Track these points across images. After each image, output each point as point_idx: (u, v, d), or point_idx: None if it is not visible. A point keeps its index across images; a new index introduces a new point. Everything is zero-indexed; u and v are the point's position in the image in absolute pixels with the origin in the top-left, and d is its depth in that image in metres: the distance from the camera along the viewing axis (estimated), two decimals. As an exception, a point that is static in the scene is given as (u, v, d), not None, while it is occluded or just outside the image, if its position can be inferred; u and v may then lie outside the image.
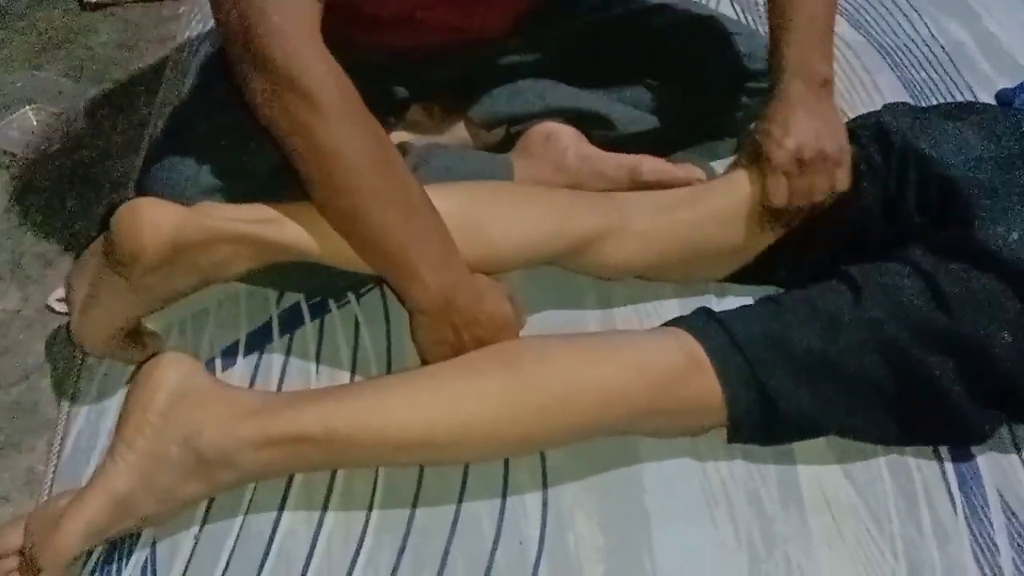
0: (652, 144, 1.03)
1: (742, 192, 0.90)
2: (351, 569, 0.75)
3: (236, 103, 0.78)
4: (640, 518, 0.78)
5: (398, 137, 1.02)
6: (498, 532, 0.77)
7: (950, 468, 0.82)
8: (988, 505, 0.80)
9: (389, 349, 0.92)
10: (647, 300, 0.96)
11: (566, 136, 1.02)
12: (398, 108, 1.04)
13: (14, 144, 1.16)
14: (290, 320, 0.94)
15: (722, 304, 0.94)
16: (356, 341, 0.93)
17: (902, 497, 0.80)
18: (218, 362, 0.90)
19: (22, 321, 0.96)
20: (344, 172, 0.74)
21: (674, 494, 0.80)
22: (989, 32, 1.36)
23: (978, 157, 0.84)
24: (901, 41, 1.34)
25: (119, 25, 1.38)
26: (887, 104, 1.01)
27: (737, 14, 1.39)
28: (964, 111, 0.92)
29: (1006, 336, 0.75)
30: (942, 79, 1.26)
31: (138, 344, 0.88)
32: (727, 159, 1.08)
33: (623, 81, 1.05)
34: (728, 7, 1.40)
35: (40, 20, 1.39)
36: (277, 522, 0.78)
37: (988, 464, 0.83)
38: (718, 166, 1.06)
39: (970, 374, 0.76)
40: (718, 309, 0.86)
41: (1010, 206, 0.79)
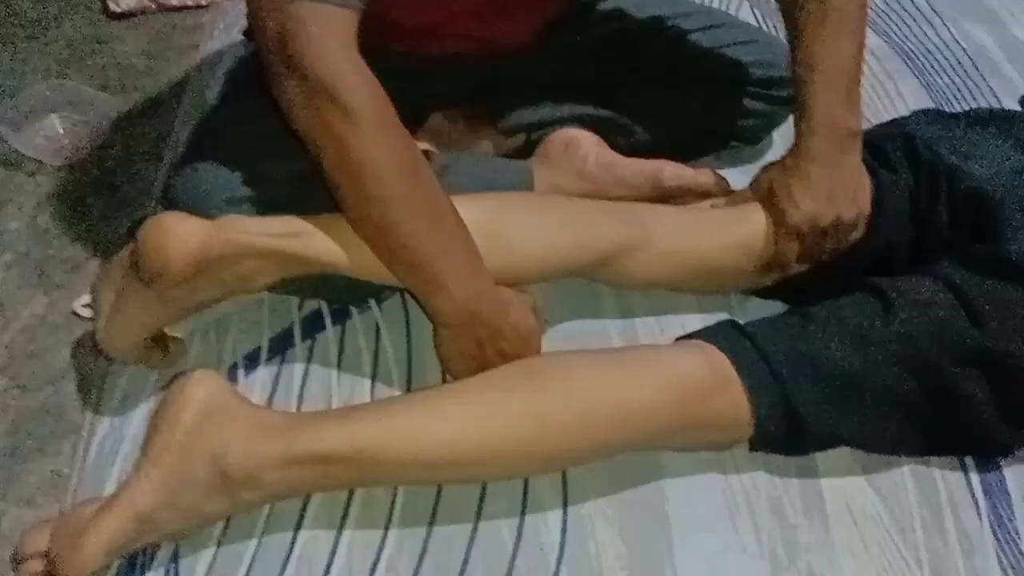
0: (672, 151, 1.03)
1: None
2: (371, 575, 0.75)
3: (263, 112, 0.78)
4: (662, 526, 0.78)
5: (420, 145, 1.02)
6: (518, 539, 0.77)
7: (975, 477, 0.82)
8: (1014, 514, 0.79)
9: (409, 355, 0.92)
10: (668, 310, 0.95)
11: (587, 143, 1.02)
12: (420, 116, 1.05)
13: (41, 152, 1.17)
14: (312, 326, 0.95)
15: (744, 313, 0.94)
16: (377, 347, 0.93)
17: (926, 506, 0.79)
18: (240, 368, 0.91)
19: (48, 326, 0.98)
20: (375, 182, 0.74)
21: (696, 502, 0.79)
22: (1013, 36, 1.35)
23: (1008, 169, 0.83)
24: (924, 46, 1.33)
25: (144, 34, 1.40)
26: (915, 112, 1.00)
27: (757, 20, 1.38)
28: (993, 119, 0.91)
29: None
30: (965, 84, 1.25)
31: (162, 350, 0.88)
32: (747, 166, 1.08)
33: (644, 88, 1.05)
34: (748, 13, 1.40)
35: (66, 29, 1.41)
36: (297, 529, 0.78)
37: (1014, 473, 0.82)
38: (738, 173, 1.06)
39: (1001, 390, 0.75)
40: (740, 318, 0.85)
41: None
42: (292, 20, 0.72)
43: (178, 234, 0.76)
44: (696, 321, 0.94)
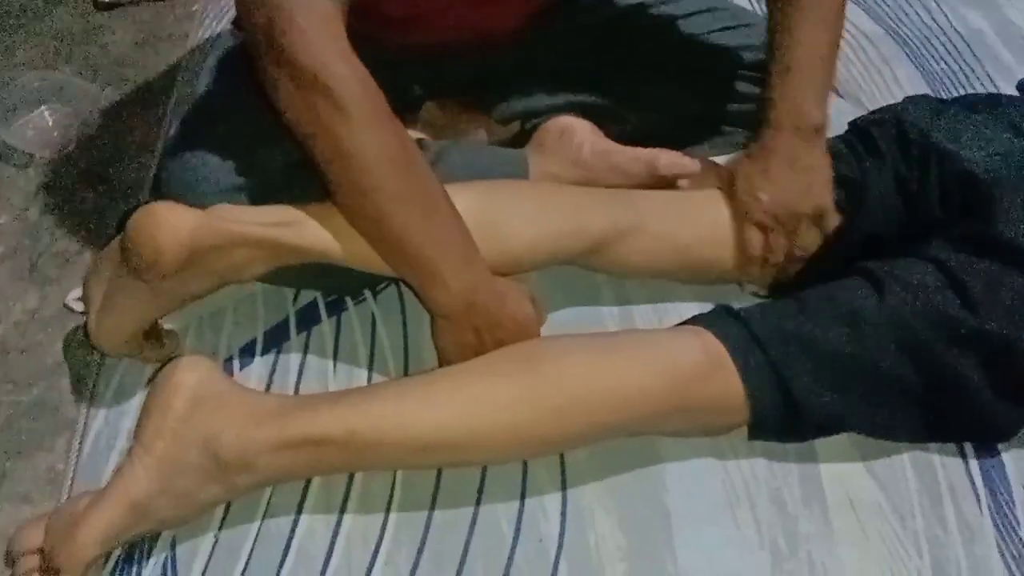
0: (667, 138, 1.02)
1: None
2: (370, 569, 0.75)
3: (253, 101, 0.78)
4: (661, 517, 0.77)
5: (413, 135, 1.02)
6: (517, 531, 0.77)
7: (975, 464, 0.81)
8: (1014, 501, 0.79)
9: (406, 346, 0.91)
10: (664, 297, 0.95)
11: (581, 130, 1.01)
12: (413, 105, 1.04)
13: (30, 144, 1.16)
14: (307, 318, 0.94)
15: (739, 298, 0.93)
16: (373, 338, 0.92)
17: (926, 494, 0.79)
18: (235, 361, 0.90)
19: (40, 321, 0.97)
20: (367, 174, 0.74)
21: (696, 493, 0.79)
22: (1009, 20, 1.34)
23: (1001, 152, 0.83)
24: (919, 31, 1.32)
25: (134, 24, 1.39)
26: (908, 97, 1.00)
27: (752, 4, 1.37)
28: (987, 103, 0.91)
29: None
30: (962, 69, 1.25)
31: (156, 343, 0.88)
32: (738, 152, 1.07)
33: (637, 75, 1.04)
34: (742, -2, 1.39)
35: (55, 20, 1.39)
36: (296, 523, 0.78)
37: (1013, 460, 0.82)
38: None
39: (995, 371, 0.75)
40: (737, 305, 0.85)
41: (1033, 200, 0.78)
42: (280, 12, 0.71)
43: (169, 223, 0.75)
44: (693, 309, 0.92)
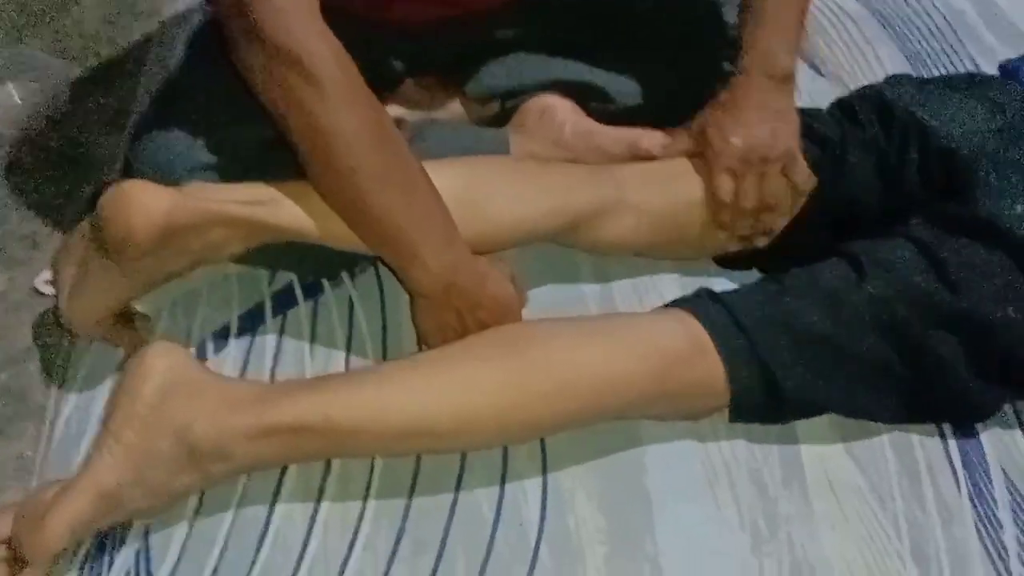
0: (650, 117, 1.01)
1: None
2: (348, 555, 0.74)
3: (226, 78, 0.76)
4: (641, 499, 0.77)
5: (392, 112, 1.00)
6: (498, 515, 0.76)
7: (953, 445, 0.82)
8: (991, 481, 0.80)
9: (384, 329, 0.90)
10: (645, 274, 0.94)
11: (563, 110, 1.00)
12: (392, 83, 1.02)
13: (-3, 122, 1.14)
14: (283, 301, 0.93)
15: (721, 279, 0.93)
16: (351, 321, 0.91)
17: (905, 475, 0.79)
18: (209, 344, 0.89)
19: (8, 304, 0.95)
20: (344, 152, 0.73)
21: (676, 475, 0.79)
22: (991, 1, 1.33)
23: (982, 129, 0.83)
24: (902, 11, 1.31)
25: (104, -1, 1.35)
26: (889, 76, 1.00)
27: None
28: (968, 82, 0.91)
29: (1011, 311, 0.75)
30: (944, 50, 1.24)
31: (128, 326, 0.86)
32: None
33: (619, 54, 1.03)
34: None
35: (22, -6, 1.36)
36: (272, 508, 0.77)
37: (991, 440, 0.82)
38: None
39: (975, 351, 0.75)
40: (717, 285, 0.85)
41: (1015, 179, 0.78)
42: None
43: (141, 202, 0.73)
44: (674, 288, 0.93)
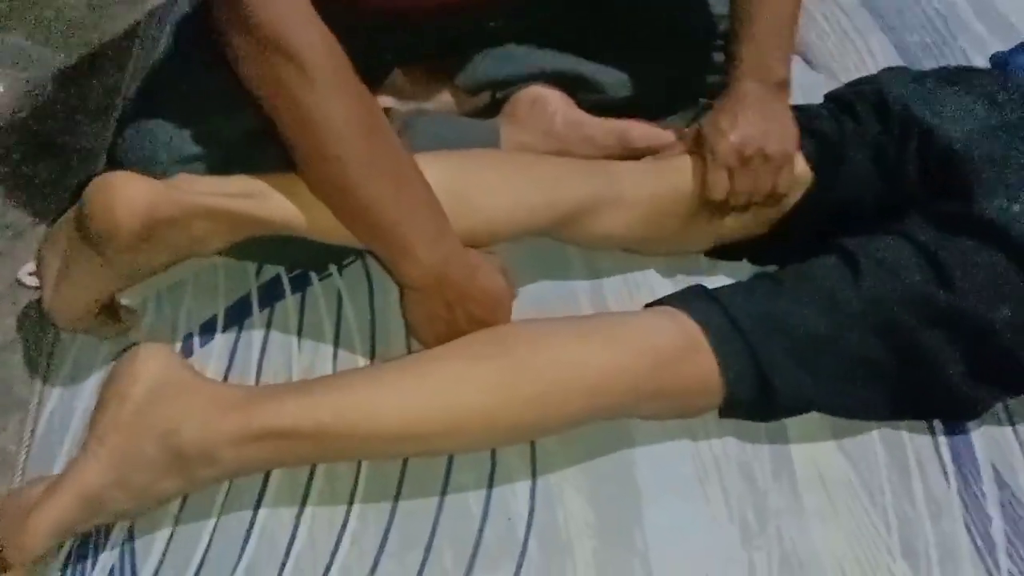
0: (641, 109, 1.01)
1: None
2: (335, 550, 0.74)
3: (212, 66, 0.75)
4: (631, 494, 0.77)
5: (382, 103, 0.99)
6: (486, 510, 0.76)
7: (943, 441, 0.82)
8: (981, 477, 0.80)
9: (373, 322, 0.89)
10: (636, 270, 0.94)
11: (554, 101, 0.99)
12: (381, 73, 1.01)
13: (-21, 111, 1.12)
14: (270, 293, 0.92)
15: (713, 276, 0.93)
16: (339, 314, 0.90)
17: (895, 470, 0.79)
18: (196, 337, 0.88)
19: (-9, 296, 0.94)
20: (333, 142, 0.72)
21: (665, 468, 0.78)
22: (983, -8, 1.33)
23: (980, 127, 0.82)
24: (893, 2, 1.31)
25: (88, -15, 1.33)
26: (886, 69, 0.99)
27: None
28: (964, 76, 0.90)
29: (1007, 311, 0.74)
30: (935, 42, 1.24)
31: (113, 319, 0.85)
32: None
33: (609, 45, 1.02)
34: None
35: (5, -20, 1.34)
36: (258, 504, 0.76)
37: (981, 437, 0.82)
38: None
39: (969, 350, 0.75)
40: (709, 281, 0.85)
41: (1012, 177, 0.78)
42: None
43: (126, 194, 0.72)
44: (665, 283, 0.92)
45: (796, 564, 0.74)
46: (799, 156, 0.88)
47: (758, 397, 0.76)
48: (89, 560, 0.73)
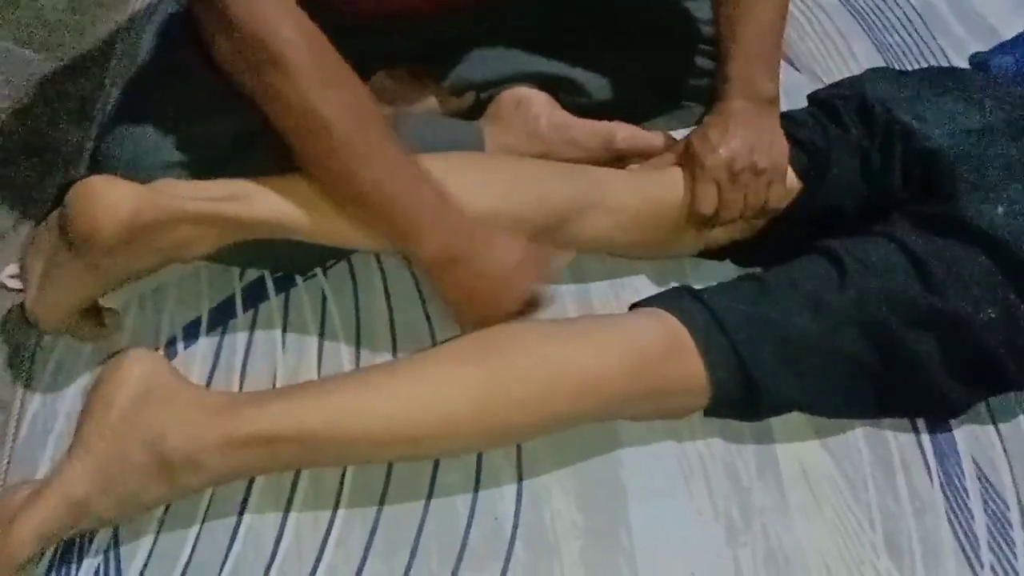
0: (625, 111, 1.01)
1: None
2: (321, 551, 0.74)
3: (197, 69, 0.75)
4: (617, 493, 0.77)
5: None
6: (472, 510, 0.76)
7: (926, 438, 0.82)
8: (963, 473, 0.81)
9: (358, 324, 0.89)
10: (622, 273, 0.94)
11: (538, 102, 0.99)
12: (365, 74, 1.01)
13: (-41, 114, 1.11)
14: (254, 295, 0.91)
15: (698, 277, 0.93)
16: (323, 316, 0.90)
17: (879, 467, 0.80)
18: (179, 340, 0.87)
19: (-28, 299, 0.93)
20: (323, 135, 0.72)
21: (651, 468, 0.79)
22: (963, -6, 1.35)
23: (963, 130, 0.83)
24: (874, 3, 1.32)
25: (70, -13, 1.33)
26: (869, 70, 1.00)
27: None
28: (947, 78, 0.91)
29: (990, 312, 0.75)
30: (916, 43, 1.25)
31: (96, 322, 0.85)
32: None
33: (593, 48, 1.02)
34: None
35: (-15, -18, 1.33)
36: (243, 508, 0.76)
37: (964, 434, 0.83)
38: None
39: (952, 350, 0.76)
40: (694, 282, 0.85)
41: (995, 180, 0.79)
42: None
43: (108, 199, 0.71)
44: (651, 286, 0.93)
45: (781, 560, 0.74)
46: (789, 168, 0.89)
47: (743, 397, 0.76)
48: (73, 566, 0.72)
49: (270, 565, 0.73)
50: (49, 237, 0.78)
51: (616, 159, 0.97)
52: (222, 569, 0.72)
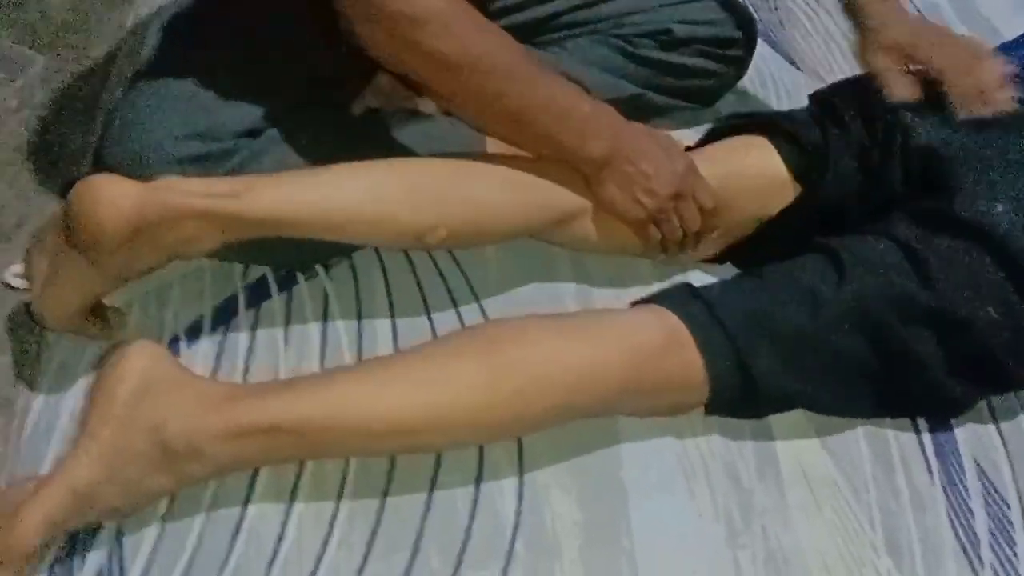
0: (627, 111, 1.01)
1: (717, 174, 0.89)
2: (323, 550, 0.74)
3: (199, 68, 0.75)
4: (617, 492, 0.77)
5: (367, 104, 0.99)
6: (473, 509, 0.76)
7: (927, 438, 0.83)
8: (964, 472, 0.81)
9: (360, 323, 0.90)
10: (625, 274, 0.94)
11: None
12: (367, 74, 1.01)
13: (-35, 114, 1.12)
14: (257, 293, 0.92)
15: (700, 276, 0.93)
16: (325, 314, 0.90)
17: (879, 466, 0.80)
18: (182, 338, 0.88)
19: (-23, 298, 0.93)
20: (493, 74, 0.77)
21: (651, 468, 0.79)
22: (966, -5, 1.35)
23: (963, 128, 0.83)
24: (877, 4, 1.32)
25: (74, -13, 1.33)
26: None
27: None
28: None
29: (990, 311, 0.75)
30: (919, 43, 1.25)
31: (100, 321, 0.85)
32: (702, 127, 1.06)
33: (590, 47, 1.03)
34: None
35: (-11, -18, 1.33)
36: (246, 505, 0.76)
37: (965, 433, 0.83)
38: (693, 134, 1.04)
39: (953, 349, 0.76)
40: (696, 281, 0.85)
41: (995, 177, 0.79)
42: None
43: (110, 197, 0.72)
44: (653, 286, 0.93)
45: (781, 560, 0.74)
46: (779, 166, 0.89)
47: (741, 393, 0.76)
48: (77, 559, 0.73)
49: (272, 562, 0.73)
50: (53, 236, 0.78)
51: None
52: (224, 566, 0.73)
